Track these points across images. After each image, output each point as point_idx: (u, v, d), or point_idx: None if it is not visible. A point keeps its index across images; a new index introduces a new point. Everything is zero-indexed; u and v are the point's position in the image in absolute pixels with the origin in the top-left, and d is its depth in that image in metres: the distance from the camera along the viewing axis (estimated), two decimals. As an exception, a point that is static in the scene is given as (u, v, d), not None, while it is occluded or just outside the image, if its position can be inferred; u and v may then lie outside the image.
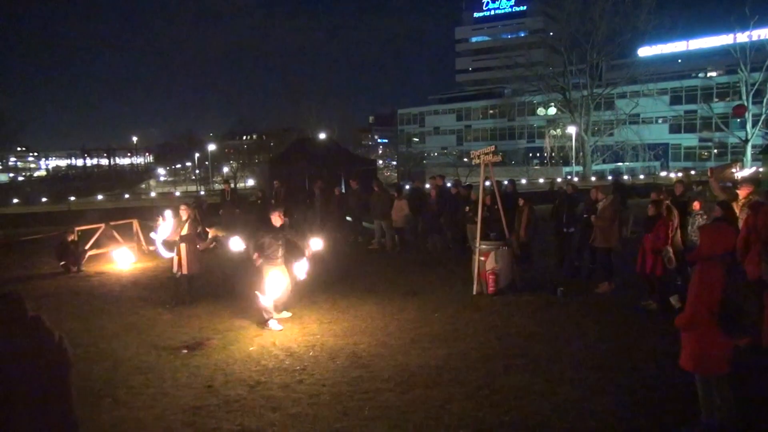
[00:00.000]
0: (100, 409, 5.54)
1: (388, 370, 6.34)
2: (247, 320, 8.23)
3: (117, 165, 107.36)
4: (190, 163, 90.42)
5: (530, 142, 70.84)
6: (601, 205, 9.50)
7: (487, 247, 9.56)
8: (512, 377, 6.04)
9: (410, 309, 8.82)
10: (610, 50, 49.87)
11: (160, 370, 6.57)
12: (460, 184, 13.97)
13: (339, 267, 12.20)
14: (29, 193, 53.04)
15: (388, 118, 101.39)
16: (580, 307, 8.67)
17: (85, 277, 12.15)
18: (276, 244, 8.09)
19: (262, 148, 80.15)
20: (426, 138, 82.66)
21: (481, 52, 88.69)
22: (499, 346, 7.05)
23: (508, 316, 8.32)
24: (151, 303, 9.70)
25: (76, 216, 21.39)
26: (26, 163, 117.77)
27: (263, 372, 6.40)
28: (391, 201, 14.11)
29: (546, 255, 11.91)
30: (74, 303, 9.93)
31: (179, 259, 9.33)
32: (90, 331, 8.18)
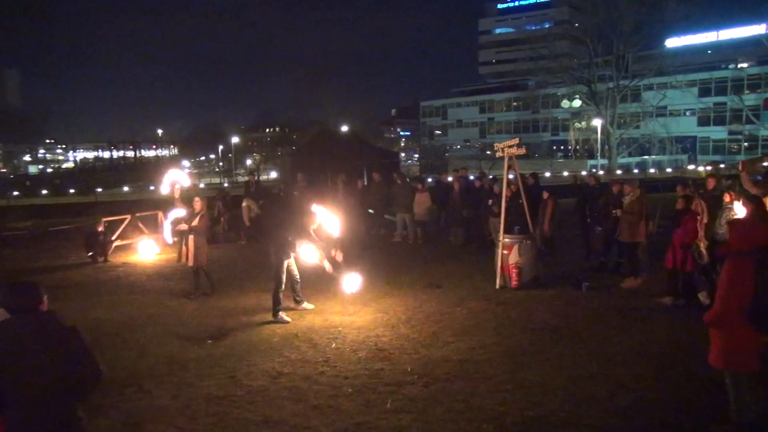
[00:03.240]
0: (126, 398, 5.62)
1: (411, 363, 6.32)
2: (269, 312, 8.26)
3: (142, 157, 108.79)
4: (213, 155, 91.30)
5: (554, 135, 69.98)
6: (627, 199, 9.34)
7: (510, 241, 9.47)
8: (536, 372, 5.97)
9: (432, 302, 8.78)
10: (636, 41, 48.88)
11: (184, 359, 6.64)
12: (484, 177, 13.85)
13: (361, 260, 12.20)
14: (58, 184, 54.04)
15: (410, 111, 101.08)
16: (606, 302, 8.55)
17: (111, 268, 12.34)
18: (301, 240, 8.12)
19: (285, 140, 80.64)
20: (448, 130, 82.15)
21: (505, 43, 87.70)
22: (522, 340, 6.98)
23: (531, 310, 8.23)
24: (175, 293, 9.82)
25: (102, 207, 21.76)
26: (55, 155, 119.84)
27: (286, 363, 6.43)
28: (414, 194, 14.06)
29: (571, 249, 11.77)
30: (100, 292, 10.09)
31: (186, 251, 9.40)
32: (116, 321, 8.31)
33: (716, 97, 58.91)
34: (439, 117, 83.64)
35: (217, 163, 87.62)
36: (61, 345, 3.07)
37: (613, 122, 50.42)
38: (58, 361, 3.04)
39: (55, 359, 3.03)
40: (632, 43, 48.76)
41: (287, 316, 8.03)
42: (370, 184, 16.37)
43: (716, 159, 49.92)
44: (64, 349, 3.07)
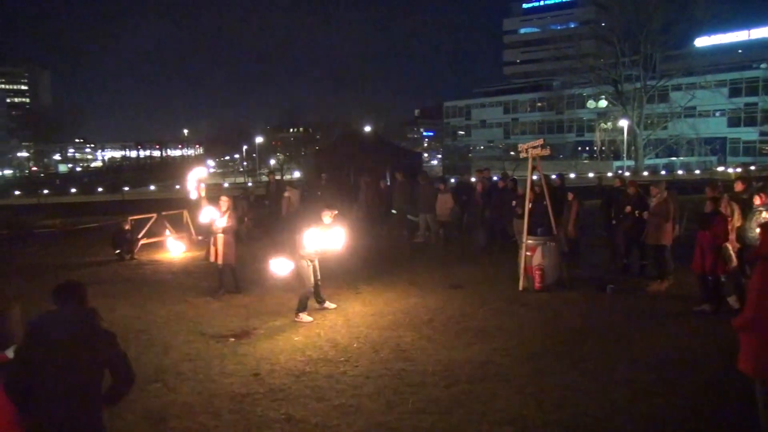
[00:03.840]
0: (151, 394, 5.70)
1: (432, 364, 6.30)
2: (292, 311, 8.31)
3: (168, 156, 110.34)
4: (238, 155, 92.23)
5: (579, 136, 69.22)
6: (654, 200, 9.19)
7: (534, 242, 9.38)
8: (559, 375, 5.91)
9: (455, 303, 8.75)
10: (665, 41, 48.05)
11: (208, 357, 6.72)
12: (508, 178, 13.75)
13: (383, 260, 12.22)
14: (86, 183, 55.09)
15: (433, 111, 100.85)
16: (631, 305, 8.42)
17: (137, 265, 12.54)
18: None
19: (308, 140, 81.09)
20: (472, 131, 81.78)
21: (530, 43, 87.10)
22: (545, 343, 6.92)
23: (555, 312, 8.15)
24: (200, 291, 9.93)
25: (129, 206, 22.13)
26: (84, 155, 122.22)
27: (308, 362, 6.46)
28: (436, 194, 14.03)
29: (595, 251, 11.63)
30: (127, 290, 10.26)
31: (215, 249, 9.50)
32: (142, 318, 8.44)
33: (747, 98, 57.68)
34: (462, 117, 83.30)
35: (242, 162, 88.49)
36: (96, 345, 3.16)
37: (640, 123, 49.64)
38: (90, 360, 3.12)
39: (88, 358, 3.11)
40: (661, 42, 47.92)
41: (309, 316, 8.06)
42: (392, 185, 16.36)
43: (747, 161, 48.88)
44: (99, 349, 3.17)
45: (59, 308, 3.22)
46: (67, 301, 3.24)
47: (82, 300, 3.29)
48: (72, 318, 3.17)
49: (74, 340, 3.11)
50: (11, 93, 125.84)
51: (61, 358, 3.05)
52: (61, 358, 3.05)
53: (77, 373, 3.09)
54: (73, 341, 3.10)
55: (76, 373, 3.08)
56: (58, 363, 3.04)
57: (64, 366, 3.05)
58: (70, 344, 3.09)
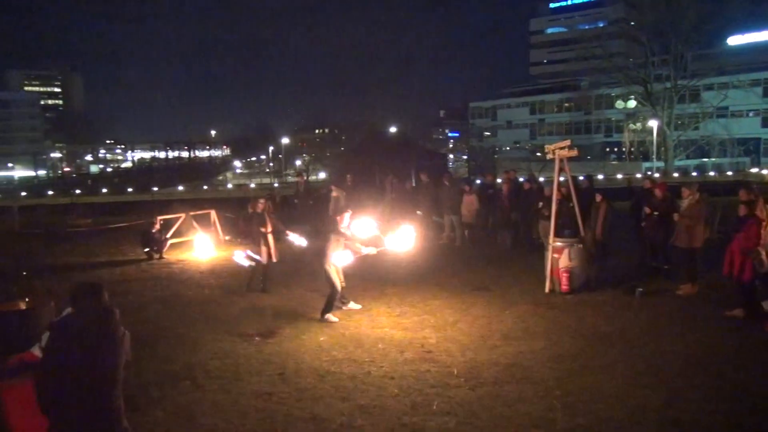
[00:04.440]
0: (179, 391, 5.79)
1: (457, 365, 6.29)
2: (317, 311, 8.36)
3: (196, 157, 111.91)
4: (264, 155, 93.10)
5: (608, 137, 68.25)
6: (686, 203, 9.02)
7: (560, 244, 9.29)
8: (586, 379, 5.84)
9: (480, 305, 8.70)
10: (696, 39, 47.10)
11: (235, 356, 6.80)
12: (534, 179, 13.63)
13: (407, 261, 12.21)
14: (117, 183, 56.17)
15: (459, 112, 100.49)
16: (660, 309, 8.28)
17: (166, 264, 12.74)
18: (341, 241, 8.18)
19: (334, 141, 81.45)
20: (498, 132, 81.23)
21: (557, 43, 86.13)
22: (572, 346, 6.84)
23: (582, 315, 8.06)
24: (227, 290, 10.05)
25: (158, 206, 22.48)
26: (114, 155, 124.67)
27: (333, 362, 6.50)
28: (461, 195, 13.97)
29: (624, 253, 11.44)
30: (156, 288, 10.43)
31: (267, 249, 9.60)
32: (170, 316, 8.57)
33: (783, 98, 56.21)
34: (488, 118, 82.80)
35: (268, 163, 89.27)
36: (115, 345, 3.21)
37: (671, 123, 48.74)
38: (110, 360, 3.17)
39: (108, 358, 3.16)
40: (692, 41, 46.97)
41: (335, 316, 8.09)
42: (418, 186, 16.35)
43: (781, 162, 47.65)
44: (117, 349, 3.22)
45: (78, 309, 3.25)
46: (84, 302, 3.27)
47: (99, 300, 3.31)
48: (91, 318, 3.21)
49: (95, 341, 3.15)
50: (45, 95, 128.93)
51: (83, 359, 3.10)
52: (83, 358, 3.10)
53: (98, 373, 3.13)
54: (93, 341, 3.15)
55: (97, 373, 3.13)
56: (80, 364, 3.09)
57: (86, 366, 3.10)
58: (91, 345, 3.13)
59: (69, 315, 3.27)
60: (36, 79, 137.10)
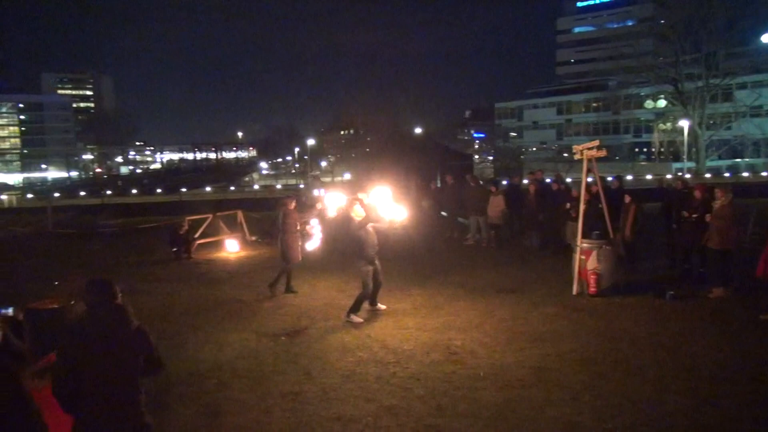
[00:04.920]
0: (206, 389, 5.85)
1: (484, 368, 6.23)
2: (343, 311, 8.37)
3: (223, 159, 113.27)
4: (290, 157, 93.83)
5: (636, 137, 67.22)
6: (718, 203, 8.81)
7: (588, 246, 9.16)
8: (615, 383, 5.74)
9: (506, 307, 8.62)
10: (729, 37, 46.08)
11: (261, 355, 6.85)
12: (561, 180, 13.48)
13: (434, 262, 12.18)
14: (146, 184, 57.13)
15: (484, 113, 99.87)
16: (692, 312, 8.10)
17: (194, 264, 12.90)
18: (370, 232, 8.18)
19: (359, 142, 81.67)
20: (524, 132, 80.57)
21: (585, 42, 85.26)
22: (600, 349, 6.73)
23: (610, 318, 7.92)
24: (253, 290, 10.13)
25: (186, 206, 22.80)
26: (144, 157, 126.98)
27: (358, 362, 6.50)
28: (488, 196, 13.88)
29: (654, 255, 11.24)
30: (184, 288, 10.57)
31: (295, 249, 9.69)
32: (197, 315, 8.67)
33: (820, 96, 54.63)
34: (514, 119, 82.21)
35: (294, 164, 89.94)
36: (126, 339, 3.23)
37: (702, 123, 47.77)
38: (126, 356, 3.20)
39: (123, 354, 3.18)
40: (724, 39, 45.96)
41: (359, 317, 8.09)
42: (443, 186, 16.29)
43: (818, 162, 46.33)
44: (130, 344, 3.24)
45: (91, 307, 3.28)
46: (96, 298, 3.29)
47: (112, 296, 3.33)
48: (105, 315, 3.23)
49: (109, 337, 3.18)
50: (77, 98, 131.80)
51: (99, 356, 3.13)
52: (99, 355, 3.13)
53: (115, 369, 3.15)
54: (108, 338, 3.17)
55: (114, 370, 3.15)
56: (96, 361, 3.12)
57: (103, 364, 3.12)
58: (105, 342, 3.16)
59: (82, 314, 3.30)
60: (69, 82, 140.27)
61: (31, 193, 54.00)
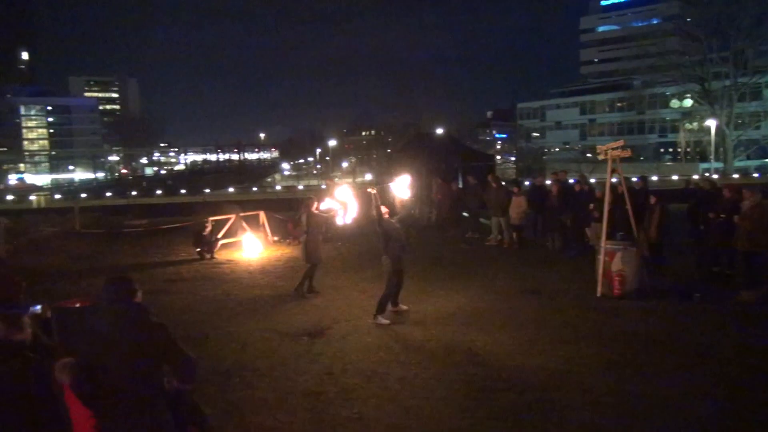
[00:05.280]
0: (229, 388, 5.90)
1: (506, 370, 6.19)
2: (364, 312, 8.39)
3: (246, 160, 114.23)
4: (312, 158, 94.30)
5: (662, 137, 66.14)
6: (747, 204, 8.64)
7: (612, 247, 9.04)
8: (640, 386, 5.66)
9: (529, 308, 8.55)
10: (758, 34, 45.03)
11: (283, 354, 6.89)
12: (585, 181, 13.32)
13: (455, 263, 12.14)
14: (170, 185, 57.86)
15: (506, 113, 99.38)
16: (719, 315, 7.95)
17: (216, 264, 13.03)
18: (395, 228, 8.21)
19: (380, 143, 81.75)
20: (546, 133, 79.82)
21: (609, 41, 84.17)
22: (625, 352, 6.64)
23: (635, 321, 7.81)
24: (276, 290, 10.20)
25: (209, 207, 23.02)
26: (168, 158, 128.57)
27: (380, 363, 6.50)
28: (509, 197, 13.79)
29: (680, 257, 11.05)
30: (207, 287, 10.68)
31: (318, 249, 9.76)
32: (220, 314, 8.76)
33: None
34: (536, 119, 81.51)
35: (315, 165, 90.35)
36: (145, 337, 3.23)
37: (730, 123, 46.85)
38: (141, 354, 3.21)
39: (137, 352, 3.19)
40: (753, 36, 44.98)
41: (386, 319, 8.07)
42: (465, 187, 16.23)
43: None
44: (148, 341, 3.23)
45: (105, 302, 3.31)
46: (115, 296, 3.33)
47: (131, 295, 3.36)
48: (117, 312, 3.25)
49: (118, 334, 3.18)
50: (104, 101, 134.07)
51: (116, 353, 3.13)
52: (116, 353, 3.14)
53: (133, 366, 3.16)
54: (116, 335, 3.18)
55: (131, 367, 3.15)
56: (114, 358, 3.13)
57: (120, 361, 3.13)
58: (113, 337, 3.17)
59: (88, 306, 3.35)
60: (96, 85, 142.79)
61: (59, 194, 55.06)
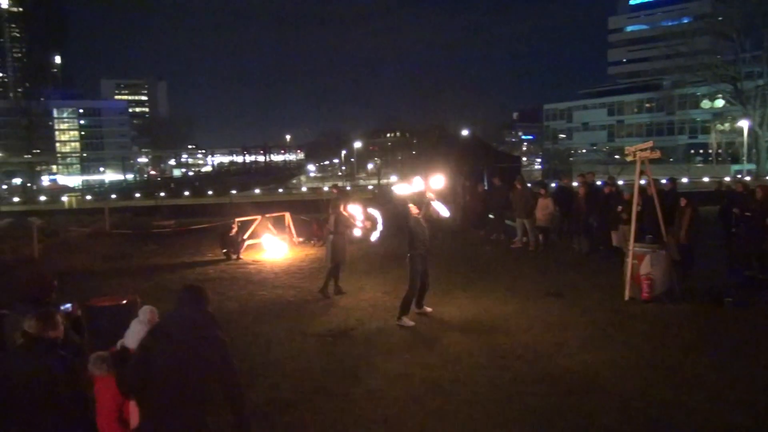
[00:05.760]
0: (255, 388, 5.94)
1: (531, 373, 6.13)
2: (388, 313, 8.39)
3: (272, 161, 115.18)
4: (337, 159, 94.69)
5: (692, 138, 64.88)
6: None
7: (641, 250, 8.89)
8: (668, 391, 5.56)
9: (555, 311, 8.46)
10: (793, 33, 43.99)
11: (308, 355, 6.92)
12: (613, 182, 13.13)
13: (480, 265, 12.07)
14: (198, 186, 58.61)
15: (532, 114, 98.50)
16: (751, 320, 7.76)
17: (242, 264, 13.16)
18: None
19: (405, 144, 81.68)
20: (573, 134, 78.92)
21: (638, 41, 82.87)
22: (653, 356, 6.53)
23: (664, 325, 7.67)
24: (300, 291, 10.26)
25: (236, 208, 23.28)
26: (195, 160, 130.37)
27: (405, 365, 6.49)
28: (536, 199, 13.66)
29: (711, 261, 10.81)
30: (233, 287, 10.80)
31: (344, 249, 9.84)
32: (246, 314, 8.84)
33: None
34: (563, 120, 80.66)
35: (340, 167, 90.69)
36: (209, 350, 3.29)
37: (763, 123, 45.72)
38: (203, 363, 3.26)
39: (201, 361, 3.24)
40: (788, 35, 43.84)
41: (411, 320, 8.06)
42: (490, 189, 16.13)
43: None
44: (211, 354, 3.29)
45: (182, 310, 3.38)
46: (191, 304, 3.39)
47: (205, 303, 3.43)
48: (193, 320, 3.32)
49: (192, 342, 3.25)
50: (133, 103, 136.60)
51: (177, 358, 3.20)
52: (178, 358, 3.20)
53: (190, 374, 3.21)
54: (191, 343, 3.24)
55: (188, 375, 3.21)
56: (174, 363, 3.19)
57: (179, 366, 3.20)
58: (187, 345, 3.23)
59: (171, 313, 3.40)
60: (126, 88, 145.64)
61: (89, 195, 56.21)
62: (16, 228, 19.54)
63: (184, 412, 3.20)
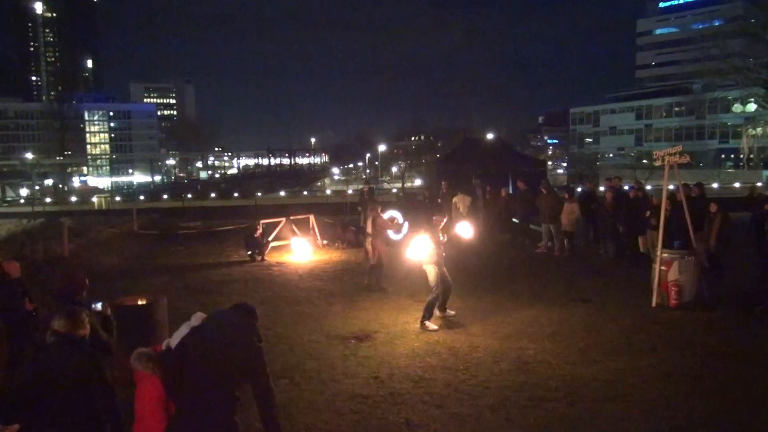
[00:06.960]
0: (278, 389, 5.92)
1: (555, 379, 6.07)
2: (412, 317, 8.38)
3: (297, 164, 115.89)
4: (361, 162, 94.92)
5: (723, 143, 63.69)
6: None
7: (669, 256, 8.75)
8: (696, 399, 5.46)
9: (580, 317, 8.36)
10: (828, 35, 42.91)
11: (330, 357, 6.95)
12: (640, 187, 12.94)
13: (504, 269, 11.99)
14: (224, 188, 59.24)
15: (558, 118, 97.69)
16: (784, 329, 7.58)
17: (267, 266, 13.27)
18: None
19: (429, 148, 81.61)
20: (600, 138, 78.06)
21: (667, 44, 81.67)
22: (681, 364, 6.41)
23: (692, 332, 7.53)
24: (324, 293, 10.31)
25: (261, 210, 23.51)
26: (222, 162, 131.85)
27: (427, 368, 6.48)
28: (561, 203, 13.53)
29: (742, 268, 10.59)
30: (257, 289, 10.89)
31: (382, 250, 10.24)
32: (270, 316, 8.90)
33: None
34: (590, 124, 79.90)
35: (365, 170, 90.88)
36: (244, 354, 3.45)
37: (796, 128, 44.65)
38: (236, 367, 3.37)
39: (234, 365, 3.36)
40: (823, 37, 42.78)
41: (434, 324, 8.05)
42: (515, 193, 16.02)
43: None
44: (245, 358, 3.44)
45: (224, 314, 3.59)
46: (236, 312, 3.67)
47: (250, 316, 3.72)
48: (231, 324, 3.48)
49: (224, 343, 3.38)
50: (162, 107, 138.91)
51: (208, 356, 3.30)
52: (208, 356, 3.30)
53: (220, 373, 3.32)
54: (223, 344, 3.37)
55: (218, 373, 3.32)
56: (205, 360, 3.29)
57: (208, 364, 3.29)
58: (219, 346, 3.36)
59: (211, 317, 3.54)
60: (154, 91, 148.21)
61: (118, 196, 57.21)
62: (47, 228, 20.01)
63: (213, 410, 3.28)
